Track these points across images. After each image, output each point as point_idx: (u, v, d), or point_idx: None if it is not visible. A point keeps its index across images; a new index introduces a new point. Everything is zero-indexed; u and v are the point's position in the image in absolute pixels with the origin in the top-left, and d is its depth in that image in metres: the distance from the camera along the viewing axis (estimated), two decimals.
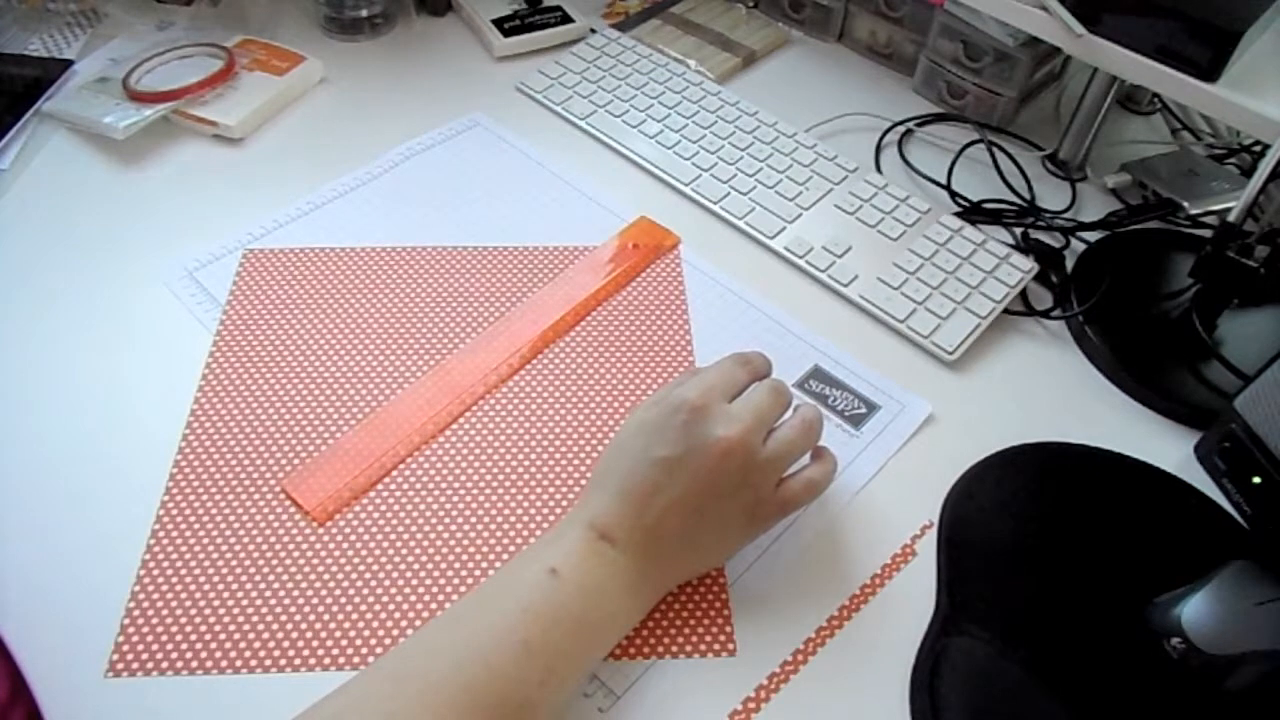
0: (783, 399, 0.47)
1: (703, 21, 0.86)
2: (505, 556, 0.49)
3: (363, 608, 0.47)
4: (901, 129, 0.76)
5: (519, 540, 0.49)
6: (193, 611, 0.46)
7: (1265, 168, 0.53)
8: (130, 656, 0.44)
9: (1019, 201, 0.70)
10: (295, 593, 0.47)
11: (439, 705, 0.37)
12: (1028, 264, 0.63)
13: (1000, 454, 0.54)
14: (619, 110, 0.75)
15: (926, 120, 0.76)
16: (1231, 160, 0.73)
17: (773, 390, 0.47)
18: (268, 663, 0.45)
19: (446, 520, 0.50)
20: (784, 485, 0.46)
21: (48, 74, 0.74)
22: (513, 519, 0.50)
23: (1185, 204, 0.67)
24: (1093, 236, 0.67)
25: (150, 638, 0.45)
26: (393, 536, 0.49)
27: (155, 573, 0.47)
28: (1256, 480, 0.46)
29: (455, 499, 0.51)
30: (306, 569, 0.48)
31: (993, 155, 0.72)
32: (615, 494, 0.44)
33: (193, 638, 0.45)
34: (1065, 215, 0.69)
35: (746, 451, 0.44)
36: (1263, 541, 0.47)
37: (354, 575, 0.48)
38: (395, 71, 0.79)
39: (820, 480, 0.47)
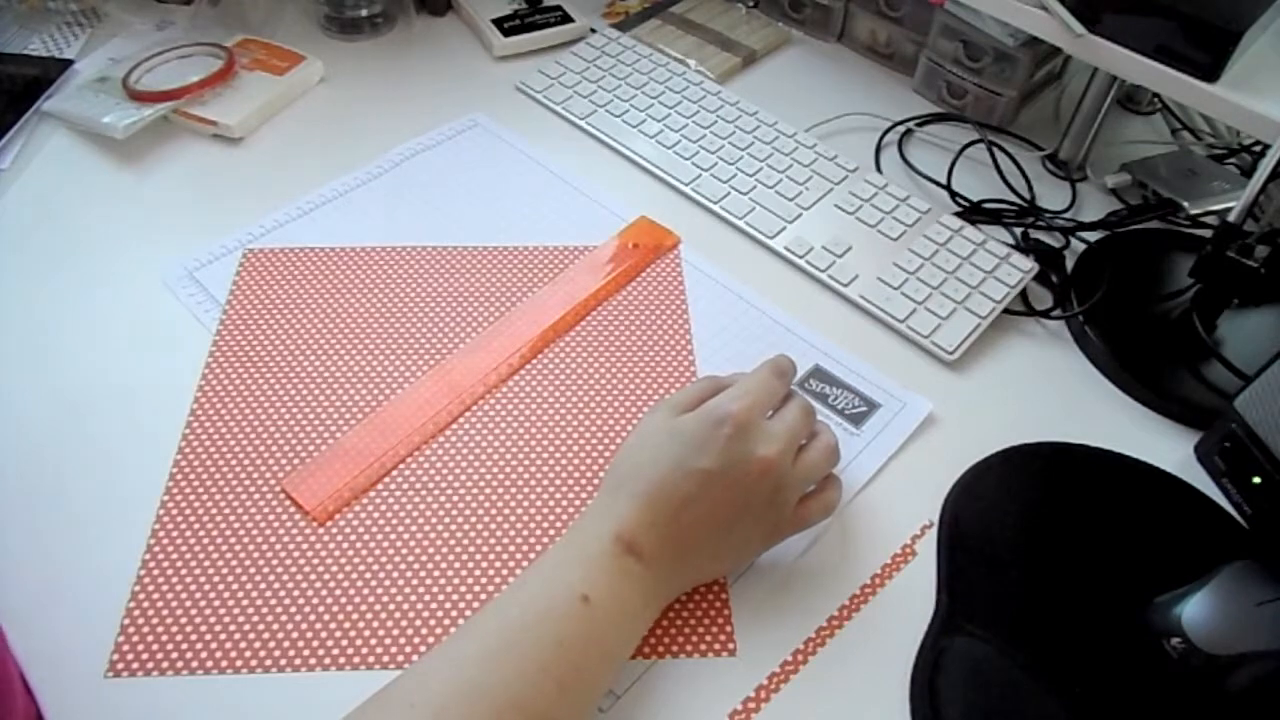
0: (811, 419, 0.48)
1: (703, 21, 0.86)
2: (505, 556, 0.49)
3: (363, 608, 0.47)
4: (901, 129, 0.76)
5: (519, 539, 0.49)
6: (193, 611, 0.46)
7: (1265, 168, 0.53)
8: (130, 656, 0.44)
9: (1019, 201, 0.70)
10: (295, 593, 0.47)
11: None
12: (1028, 264, 0.63)
13: (1000, 454, 0.54)
14: (619, 110, 0.75)
15: (926, 120, 0.76)
16: (1231, 160, 0.73)
17: (803, 410, 0.48)
18: (268, 663, 0.45)
19: (446, 520, 0.50)
20: (803, 505, 0.47)
21: (48, 74, 0.74)
22: (512, 518, 0.50)
23: (1185, 204, 0.67)
24: (1093, 236, 0.67)
25: (150, 638, 0.45)
26: (393, 536, 0.49)
27: (155, 573, 0.47)
28: (1256, 480, 0.46)
29: (455, 499, 0.51)
30: (306, 569, 0.48)
31: (993, 155, 0.72)
32: (645, 502, 0.44)
33: (193, 638, 0.45)
34: (1065, 215, 0.69)
35: (781, 472, 0.45)
36: (1263, 541, 0.47)
37: (354, 575, 0.48)
38: (395, 71, 0.79)
39: (835, 503, 0.49)
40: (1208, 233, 0.63)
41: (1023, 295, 0.63)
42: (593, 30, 0.83)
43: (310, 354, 0.58)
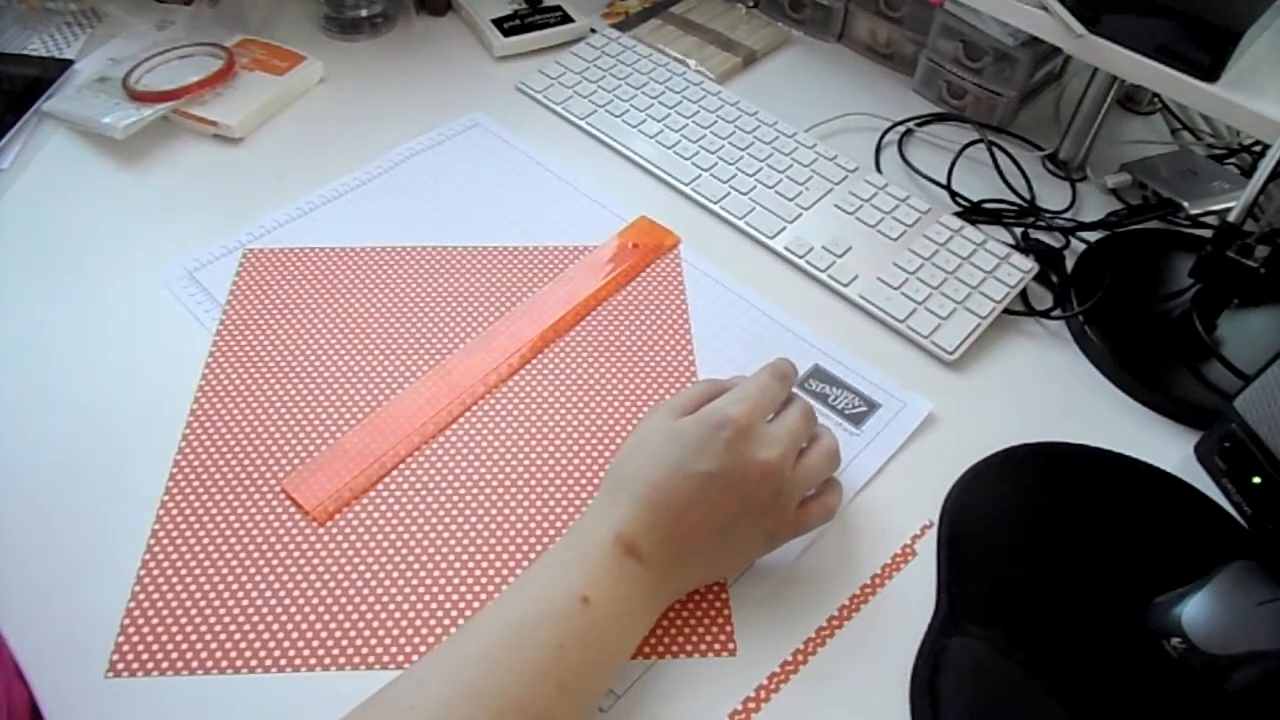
0: (811, 422, 0.48)
1: (703, 21, 0.86)
2: (505, 556, 0.49)
3: (363, 608, 0.47)
4: (901, 129, 0.76)
5: (519, 539, 0.49)
6: (193, 611, 0.46)
7: (1265, 168, 0.53)
8: (130, 656, 0.44)
9: (1019, 201, 0.70)
10: (295, 593, 0.47)
11: None
12: (1028, 264, 0.63)
13: (1000, 454, 0.54)
14: (619, 110, 0.75)
15: (926, 120, 0.76)
16: (1231, 160, 0.73)
17: (804, 413, 0.48)
18: (268, 663, 0.45)
19: (446, 520, 0.50)
20: (803, 509, 0.47)
21: (48, 74, 0.74)
22: (512, 518, 0.50)
23: (1185, 204, 0.67)
24: (1093, 236, 0.67)
25: (150, 638, 0.45)
26: (393, 536, 0.49)
27: (155, 573, 0.47)
28: (1256, 480, 0.46)
29: (455, 499, 0.51)
30: (306, 569, 0.48)
31: (993, 155, 0.72)
32: (645, 503, 0.44)
33: (193, 638, 0.45)
34: (1065, 215, 0.69)
35: (781, 476, 0.45)
36: (1263, 541, 0.47)
37: (354, 575, 0.48)
38: (395, 71, 0.79)
39: (835, 507, 0.49)
40: (1208, 233, 0.63)
41: (1023, 295, 0.63)
42: (593, 30, 0.83)
43: (310, 354, 0.58)
